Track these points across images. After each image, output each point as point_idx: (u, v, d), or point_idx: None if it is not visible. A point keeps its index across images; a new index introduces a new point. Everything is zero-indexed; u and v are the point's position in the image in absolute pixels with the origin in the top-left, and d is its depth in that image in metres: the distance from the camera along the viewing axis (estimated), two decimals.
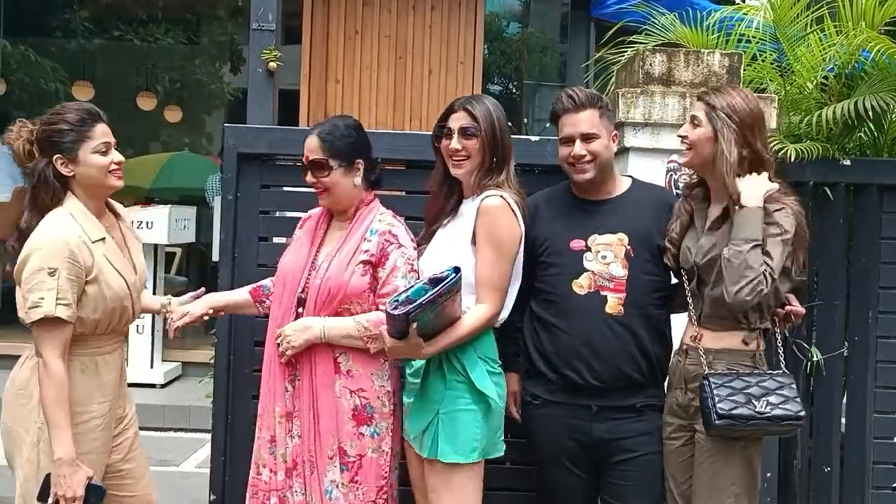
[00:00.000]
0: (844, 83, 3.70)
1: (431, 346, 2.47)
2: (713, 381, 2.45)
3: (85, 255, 2.44)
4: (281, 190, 3.30)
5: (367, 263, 2.60)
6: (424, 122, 7.59)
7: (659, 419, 2.66)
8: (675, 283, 2.69)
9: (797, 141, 3.46)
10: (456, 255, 2.55)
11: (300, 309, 2.62)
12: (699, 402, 2.49)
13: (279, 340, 2.60)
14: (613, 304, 2.60)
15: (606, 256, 2.62)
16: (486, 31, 8.58)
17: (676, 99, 3.17)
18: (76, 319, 2.43)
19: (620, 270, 2.61)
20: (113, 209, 2.69)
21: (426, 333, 2.44)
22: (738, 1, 4.68)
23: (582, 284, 2.62)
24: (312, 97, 7.77)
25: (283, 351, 2.59)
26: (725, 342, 2.54)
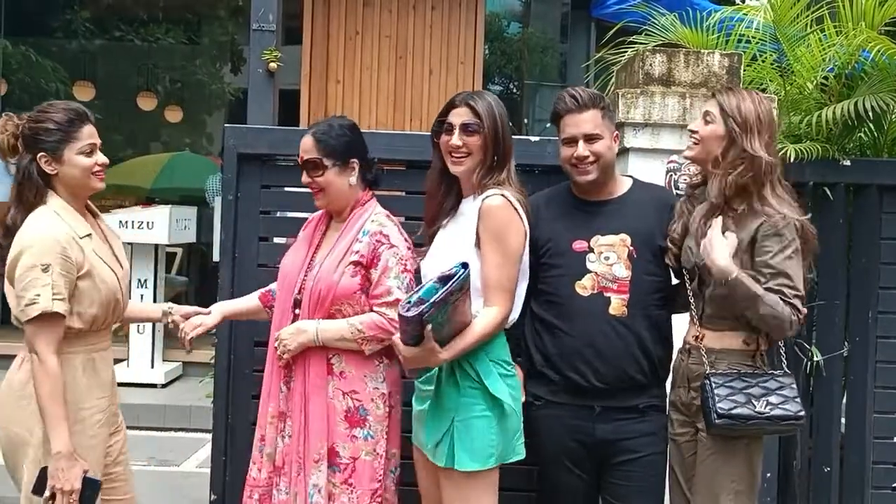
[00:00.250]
0: (844, 83, 3.70)
1: (447, 351, 2.40)
2: (714, 380, 2.46)
3: (75, 250, 2.44)
4: (281, 190, 3.30)
5: (357, 264, 2.58)
6: (425, 122, 7.57)
7: (661, 419, 2.66)
8: (676, 283, 2.69)
9: (797, 141, 3.47)
10: (459, 257, 2.50)
11: (296, 310, 2.63)
12: (700, 401, 2.49)
13: (276, 344, 2.61)
14: (617, 305, 2.59)
15: (609, 257, 2.61)
16: (486, 31, 8.57)
17: (676, 99, 3.17)
18: (74, 316, 2.44)
19: (624, 271, 2.60)
20: (90, 209, 2.68)
21: (441, 339, 2.37)
22: (738, 1, 4.69)
23: (585, 286, 2.60)
24: (313, 97, 7.77)
25: (280, 354, 2.60)
26: (727, 342, 2.54)
